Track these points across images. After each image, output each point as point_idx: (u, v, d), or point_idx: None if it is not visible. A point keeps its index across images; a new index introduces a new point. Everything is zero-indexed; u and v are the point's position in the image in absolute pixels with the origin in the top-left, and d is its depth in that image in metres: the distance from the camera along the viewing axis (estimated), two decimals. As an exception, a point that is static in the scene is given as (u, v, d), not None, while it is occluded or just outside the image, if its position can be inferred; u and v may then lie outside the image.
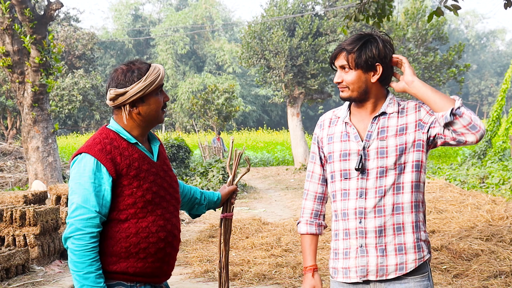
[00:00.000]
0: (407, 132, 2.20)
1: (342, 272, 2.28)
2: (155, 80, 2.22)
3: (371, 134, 2.23)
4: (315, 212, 2.41)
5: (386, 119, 2.24)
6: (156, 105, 2.26)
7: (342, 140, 2.28)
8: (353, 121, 2.29)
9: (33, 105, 11.33)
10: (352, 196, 2.23)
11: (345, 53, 2.22)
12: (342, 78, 2.24)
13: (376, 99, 2.26)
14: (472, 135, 2.09)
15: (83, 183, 2.15)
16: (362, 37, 2.23)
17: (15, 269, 6.05)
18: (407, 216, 2.21)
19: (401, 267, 2.20)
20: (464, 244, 6.50)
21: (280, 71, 22.15)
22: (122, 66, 2.27)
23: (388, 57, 2.22)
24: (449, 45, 28.92)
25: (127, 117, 2.25)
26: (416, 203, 2.22)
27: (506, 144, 16.66)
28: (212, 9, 48.95)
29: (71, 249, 2.12)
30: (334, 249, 2.33)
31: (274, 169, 22.77)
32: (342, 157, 2.26)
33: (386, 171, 2.19)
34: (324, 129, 2.37)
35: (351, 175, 2.24)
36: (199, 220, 9.62)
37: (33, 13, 10.84)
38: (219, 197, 2.71)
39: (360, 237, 2.22)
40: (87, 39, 27.75)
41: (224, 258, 2.66)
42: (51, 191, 8.35)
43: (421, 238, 2.24)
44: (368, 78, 2.22)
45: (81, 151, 2.21)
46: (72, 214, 2.14)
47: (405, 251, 2.21)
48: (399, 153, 2.19)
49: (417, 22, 21.79)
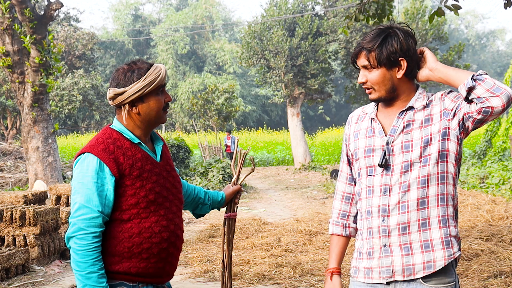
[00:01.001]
0: (432, 123, 2.10)
1: (364, 272, 2.20)
2: (155, 80, 2.21)
3: (396, 128, 2.14)
4: (342, 212, 2.33)
5: (413, 113, 2.14)
6: (157, 105, 2.24)
7: (367, 136, 2.21)
8: (380, 116, 2.22)
9: (33, 105, 11.33)
10: (376, 193, 2.15)
11: (365, 52, 2.13)
12: (366, 78, 2.16)
13: (406, 95, 2.16)
14: (497, 97, 1.95)
15: (86, 183, 2.14)
16: (382, 32, 2.13)
17: (15, 269, 6.05)
18: (433, 210, 2.10)
19: (429, 265, 2.09)
20: (464, 244, 6.50)
21: (280, 71, 22.15)
22: (124, 66, 2.26)
23: (412, 49, 2.12)
24: (449, 45, 28.92)
25: (127, 117, 2.24)
26: (443, 195, 2.11)
27: (506, 144, 16.65)
28: (212, 9, 48.95)
29: (73, 249, 2.12)
30: (358, 249, 2.25)
31: (274, 169, 22.77)
32: (366, 153, 2.19)
33: (411, 165, 2.09)
34: (352, 126, 2.31)
35: (376, 172, 2.16)
36: (199, 220, 9.61)
37: (33, 13, 10.83)
38: (223, 197, 2.70)
39: (383, 236, 2.13)
40: (87, 39, 27.76)
41: (227, 258, 2.65)
42: (51, 191, 8.35)
43: (451, 234, 2.12)
44: (393, 75, 2.13)
45: (84, 150, 2.20)
46: (74, 214, 2.13)
47: (432, 247, 2.09)
48: (424, 144, 2.09)
49: (417, 22, 21.80)
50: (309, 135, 31.85)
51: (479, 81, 1.99)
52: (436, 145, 2.09)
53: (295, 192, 14.44)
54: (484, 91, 1.97)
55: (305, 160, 22.69)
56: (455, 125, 2.09)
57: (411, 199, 2.09)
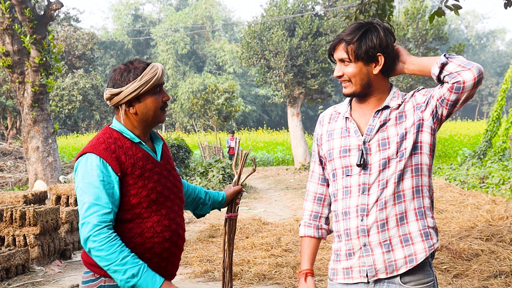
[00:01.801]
0: (407, 119, 2.10)
1: (343, 272, 2.17)
2: (151, 79, 2.19)
3: (372, 128, 2.12)
4: (314, 213, 2.30)
5: (389, 112, 2.13)
6: (154, 104, 2.23)
7: (342, 136, 2.18)
8: (354, 116, 2.19)
9: (33, 105, 11.33)
10: (354, 194, 2.12)
11: (344, 44, 2.10)
12: (343, 71, 2.12)
13: (380, 92, 2.15)
14: (468, 70, 1.96)
15: (92, 182, 2.12)
16: (362, 26, 2.10)
17: (15, 269, 6.05)
18: (409, 203, 2.09)
19: (410, 259, 2.08)
20: (464, 244, 6.49)
21: (280, 71, 22.16)
22: (121, 66, 2.25)
23: (390, 47, 2.10)
24: (449, 45, 28.95)
25: (124, 117, 2.24)
26: (418, 187, 2.10)
27: (506, 144, 16.65)
28: (212, 9, 48.95)
29: (95, 247, 2.06)
30: (335, 251, 2.23)
31: (274, 169, 22.77)
32: (342, 153, 2.15)
33: (388, 162, 2.08)
34: (324, 125, 2.27)
35: (353, 172, 2.12)
36: (199, 220, 9.62)
37: (33, 13, 10.84)
38: (223, 197, 2.69)
39: (362, 235, 2.10)
40: (87, 39, 27.77)
41: (228, 258, 2.65)
42: (51, 191, 8.36)
43: (429, 225, 2.11)
44: (370, 70, 2.10)
45: (86, 151, 2.19)
46: (85, 214, 2.09)
47: (412, 241, 2.08)
48: (399, 140, 2.08)
49: (417, 22, 21.80)
50: (309, 135, 31.84)
51: (450, 59, 2.01)
52: (411, 138, 2.08)
53: (295, 192, 14.43)
54: (456, 66, 1.98)
55: (305, 160, 22.68)
56: (428, 116, 2.09)
57: (387, 194, 2.08)
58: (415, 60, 2.11)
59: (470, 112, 59.12)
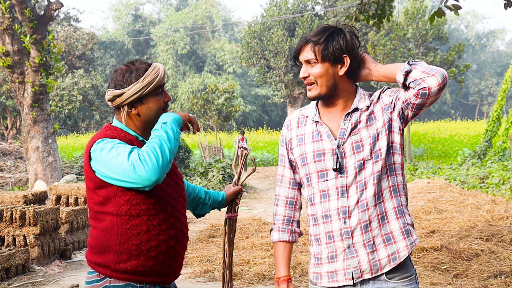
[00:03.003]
0: (376, 120, 2.12)
1: (328, 276, 2.16)
2: (153, 80, 2.19)
3: (344, 131, 2.13)
4: (287, 218, 2.28)
5: (359, 114, 2.14)
6: (156, 105, 2.23)
7: (314, 140, 2.17)
8: (324, 119, 2.18)
9: (33, 105, 11.33)
10: (333, 197, 2.12)
11: (311, 44, 2.11)
12: (309, 72, 2.13)
13: (346, 95, 2.15)
14: (432, 76, 1.99)
15: (117, 145, 2.10)
16: (328, 28, 2.13)
17: (15, 269, 6.05)
18: (388, 202, 2.12)
19: (393, 257, 2.11)
20: (464, 244, 6.49)
21: (280, 71, 22.18)
22: (122, 66, 2.24)
23: (356, 49, 2.12)
24: (449, 45, 28.94)
25: (126, 118, 2.23)
26: (394, 187, 2.13)
27: (506, 144, 16.66)
28: (212, 9, 48.97)
29: (150, 159, 2.04)
30: (315, 255, 2.21)
31: (274, 169, 22.76)
32: (316, 157, 2.15)
33: (364, 163, 2.10)
34: (293, 129, 2.25)
35: (329, 176, 2.13)
36: (199, 220, 9.62)
37: (33, 13, 10.84)
38: (223, 197, 2.69)
39: (346, 238, 2.11)
40: (87, 39, 27.78)
41: (228, 258, 2.65)
42: (51, 191, 8.36)
43: (408, 222, 2.15)
44: (335, 71, 2.11)
45: (97, 138, 2.16)
46: (130, 160, 2.04)
47: (394, 239, 2.12)
48: (372, 141, 2.10)
49: (417, 22, 21.81)
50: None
51: (414, 65, 2.03)
52: (384, 139, 2.11)
53: (295, 192, 14.43)
54: (420, 73, 2.00)
55: (305, 160, 22.67)
56: (395, 116, 2.13)
57: (368, 196, 2.10)
58: (381, 68, 2.14)
59: (470, 112, 59.14)
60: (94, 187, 2.18)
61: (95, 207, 2.21)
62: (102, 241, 2.19)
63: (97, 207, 2.20)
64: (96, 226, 2.22)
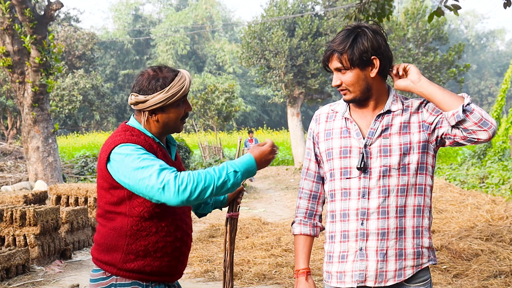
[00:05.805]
0: (411, 132, 2.10)
1: (336, 276, 2.16)
2: (178, 92, 2.19)
3: (374, 131, 2.11)
4: (309, 211, 2.27)
5: (391, 117, 2.12)
6: (176, 115, 2.24)
7: (342, 136, 2.15)
8: (354, 117, 2.16)
9: (33, 105, 11.34)
10: (354, 196, 2.10)
11: (337, 54, 2.08)
12: (341, 80, 2.11)
13: (378, 95, 2.13)
14: (484, 132, 1.98)
15: (143, 157, 2.07)
16: (351, 32, 2.08)
17: (15, 269, 6.06)
18: (409, 220, 2.10)
19: (399, 273, 2.10)
20: (464, 244, 6.50)
21: (280, 71, 22.17)
22: (149, 71, 2.23)
23: (382, 47, 2.08)
24: (449, 45, 28.93)
25: (145, 123, 2.24)
26: (419, 207, 2.12)
27: (506, 144, 16.66)
28: (212, 9, 48.97)
29: (190, 187, 2.01)
30: (328, 252, 2.21)
31: (274, 169, 22.76)
32: (342, 154, 2.13)
33: (389, 171, 2.07)
34: (321, 123, 2.24)
35: (352, 174, 2.11)
36: (199, 220, 9.62)
37: (33, 13, 10.84)
38: (225, 197, 2.70)
39: (360, 239, 2.10)
40: (87, 39, 27.76)
41: (229, 257, 2.66)
42: (51, 191, 8.36)
43: (423, 245, 2.14)
44: (367, 75, 2.09)
45: (118, 143, 2.14)
46: (160, 178, 2.00)
47: (405, 257, 2.11)
48: (403, 152, 2.08)
49: (417, 22, 21.81)
50: (309, 135, 31.79)
51: (467, 112, 1.99)
52: (416, 156, 2.09)
53: (295, 192, 14.43)
54: (472, 124, 1.99)
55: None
56: (432, 140, 2.11)
57: (391, 205, 2.08)
58: (427, 86, 2.07)
59: (470, 112, 58.99)
60: (108, 187, 2.18)
61: (106, 206, 2.20)
62: (111, 239, 2.19)
63: (109, 206, 2.20)
64: (105, 224, 2.22)
